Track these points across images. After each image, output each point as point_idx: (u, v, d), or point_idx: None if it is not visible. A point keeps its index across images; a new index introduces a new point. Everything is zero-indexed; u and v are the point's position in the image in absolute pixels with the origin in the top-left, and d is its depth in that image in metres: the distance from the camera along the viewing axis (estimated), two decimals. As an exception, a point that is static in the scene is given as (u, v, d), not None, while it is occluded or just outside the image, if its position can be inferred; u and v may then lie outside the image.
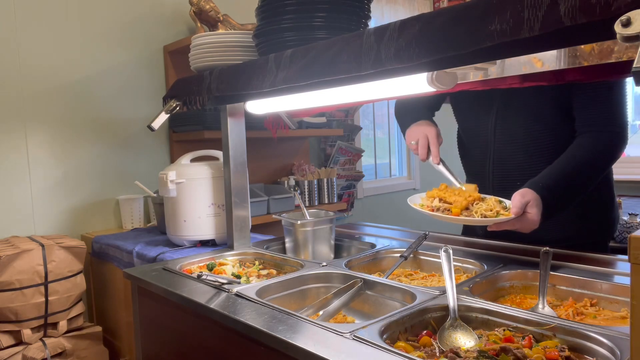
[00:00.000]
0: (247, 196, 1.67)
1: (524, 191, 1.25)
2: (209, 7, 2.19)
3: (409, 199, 1.41)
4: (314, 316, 1.13)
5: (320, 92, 1.22)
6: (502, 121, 1.50)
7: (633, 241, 0.60)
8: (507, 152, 1.50)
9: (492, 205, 1.28)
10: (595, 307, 1.10)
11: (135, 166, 2.52)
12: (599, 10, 0.61)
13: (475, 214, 1.26)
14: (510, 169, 1.50)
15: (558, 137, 1.42)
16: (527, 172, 1.40)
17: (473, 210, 1.27)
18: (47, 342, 1.89)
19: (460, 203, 1.28)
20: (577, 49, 0.92)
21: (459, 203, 1.28)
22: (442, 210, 1.30)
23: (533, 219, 1.23)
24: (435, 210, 1.31)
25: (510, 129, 1.48)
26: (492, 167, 1.53)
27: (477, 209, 1.27)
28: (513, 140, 1.48)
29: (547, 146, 1.43)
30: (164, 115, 1.55)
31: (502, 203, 1.31)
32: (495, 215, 1.25)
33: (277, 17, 1.25)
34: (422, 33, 0.83)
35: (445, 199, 1.33)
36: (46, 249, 1.89)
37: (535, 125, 1.44)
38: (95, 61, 2.39)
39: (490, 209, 1.27)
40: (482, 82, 1.17)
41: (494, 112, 1.51)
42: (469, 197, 1.30)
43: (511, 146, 1.49)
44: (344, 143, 3.50)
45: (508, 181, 1.49)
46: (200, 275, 1.28)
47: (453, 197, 1.31)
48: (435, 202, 1.34)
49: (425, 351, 0.91)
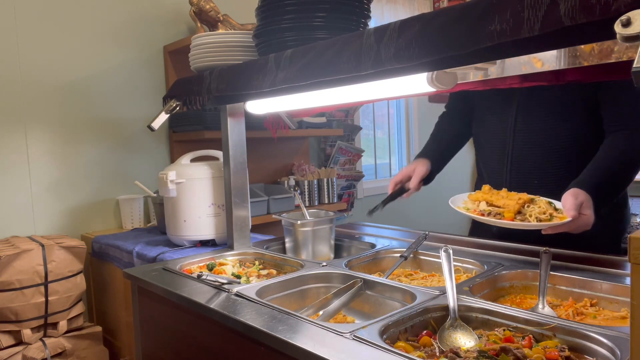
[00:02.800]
0: (247, 196, 1.67)
1: (575, 192, 1.22)
2: (209, 7, 2.19)
3: (450, 202, 1.36)
4: (314, 316, 1.13)
5: (320, 92, 1.22)
6: (524, 120, 1.49)
7: (633, 241, 0.60)
8: (525, 151, 1.49)
9: (545, 207, 1.23)
10: (595, 307, 1.10)
11: (135, 166, 2.52)
12: (599, 10, 0.61)
13: (530, 217, 1.21)
14: (529, 167, 1.49)
15: (579, 137, 1.42)
16: (545, 172, 1.41)
17: (527, 213, 1.22)
18: (47, 342, 1.89)
19: (512, 207, 1.23)
20: (577, 49, 0.92)
21: (511, 207, 1.23)
22: (494, 215, 1.25)
23: (588, 221, 1.21)
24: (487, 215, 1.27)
25: (531, 128, 1.48)
26: (510, 166, 1.53)
27: (530, 212, 1.22)
28: (533, 139, 1.48)
29: (567, 146, 1.43)
30: (164, 115, 1.55)
31: (552, 204, 1.26)
32: (550, 219, 1.21)
33: (277, 17, 1.25)
34: (422, 33, 0.83)
35: (493, 202, 1.29)
36: (46, 249, 1.89)
37: (560, 125, 1.43)
38: (96, 61, 2.39)
39: (543, 211, 1.22)
40: (482, 82, 1.17)
41: (513, 111, 1.51)
42: (519, 199, 1.25)
43: (531, 145, 1.49)
44: (344, 143, 3.50)
45: (525, 180, 1.48)
46: (200, 275, 1.28)
47: (501, 200, 1.26)
48: (482, 205, 1.30)
49: (425, 351, 0.91)
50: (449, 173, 1.81)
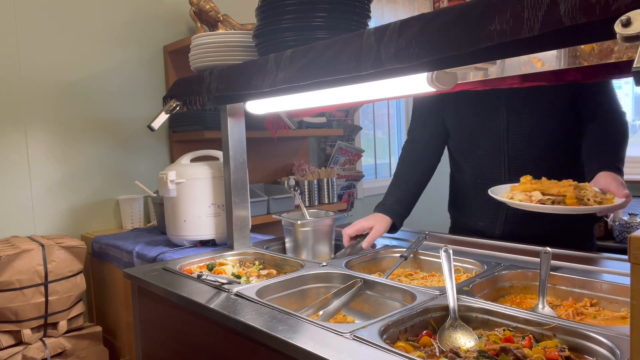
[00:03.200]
0: (247, 196, 1.67)
1: (611, 175, 1.29)
2: (209, 7, 2.18)
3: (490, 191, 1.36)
4: (314, 316, 1.13)
5: (320, 92, 1.22)
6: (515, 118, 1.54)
7: (633, 241, 0.60)
8: (521, 147, 1.55)
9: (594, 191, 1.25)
10: (595, 307, 1.10)
11: (135, 166, 2.52)
12: (599, 10, 0.61)
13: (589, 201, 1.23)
14: (526, 161, 1.55)
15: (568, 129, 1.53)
16: (541, 164, 1.51)
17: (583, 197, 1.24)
18: (47, 342, 1.89)
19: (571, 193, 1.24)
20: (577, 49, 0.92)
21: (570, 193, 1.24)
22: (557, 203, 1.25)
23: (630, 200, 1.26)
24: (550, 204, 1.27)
25: (523, 125, 1.54)
26: (508, 163, 1.57)
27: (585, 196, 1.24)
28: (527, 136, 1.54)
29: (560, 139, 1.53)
30: (164, 115, 1.55)
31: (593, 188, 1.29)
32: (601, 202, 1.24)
33: (277, 17, 1.25)
34: (422, 33, 0.83)
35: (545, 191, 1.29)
36: (46, 249, 1.89)
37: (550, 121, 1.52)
38: (95, 61, 2.39)
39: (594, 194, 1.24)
40: (482, 82, 1.17)
41: (503, 109, 1.56)
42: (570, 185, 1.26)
43: (525, 141, 1.54)
44: (344, 143, 3.50)
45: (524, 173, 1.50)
46: (200, 275, 1.28)
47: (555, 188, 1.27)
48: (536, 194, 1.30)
49: (425, 351, 0.91)
50: (449, 173, 1.81)
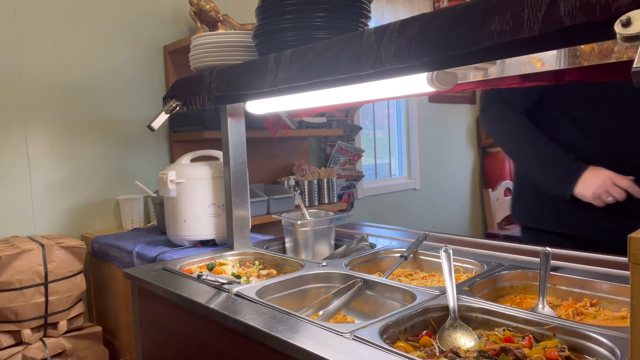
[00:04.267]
0: (247, 196, 1.67)
1: None
2: (209, 7, 2.18)
3: None
4: (314, 316, 1.13)
5: (320, 92, 1.22)
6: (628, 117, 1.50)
7: (633, 241, 0.60)
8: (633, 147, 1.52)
9: None
10: (595, 307, 1.10)
11: (135, 166, 2.52)
12: (599, 10, 0.61)
13: None
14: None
15: None
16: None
17: None
18: (47, 342, 1.89)
19: None
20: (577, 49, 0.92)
21: None
22: None
23: None
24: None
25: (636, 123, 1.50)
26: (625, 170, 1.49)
27: None
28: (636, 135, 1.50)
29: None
30: (164, 115, 1.55)
31: None
32: None
33: (277, 17, 1.25)
34: (422, 33, 0.83)
35: None
36: (46, 249, 1.89)
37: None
38: (95, 61, 2.39)
39: None
40: (482, 82, 1.17)
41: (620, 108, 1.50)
42: None
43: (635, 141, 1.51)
44: (344, 143, 3.50)
45: None
46: (200, 275, 1.28)
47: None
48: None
49: (425, 351, 0.91)
50: (449, 173, 1.81)
